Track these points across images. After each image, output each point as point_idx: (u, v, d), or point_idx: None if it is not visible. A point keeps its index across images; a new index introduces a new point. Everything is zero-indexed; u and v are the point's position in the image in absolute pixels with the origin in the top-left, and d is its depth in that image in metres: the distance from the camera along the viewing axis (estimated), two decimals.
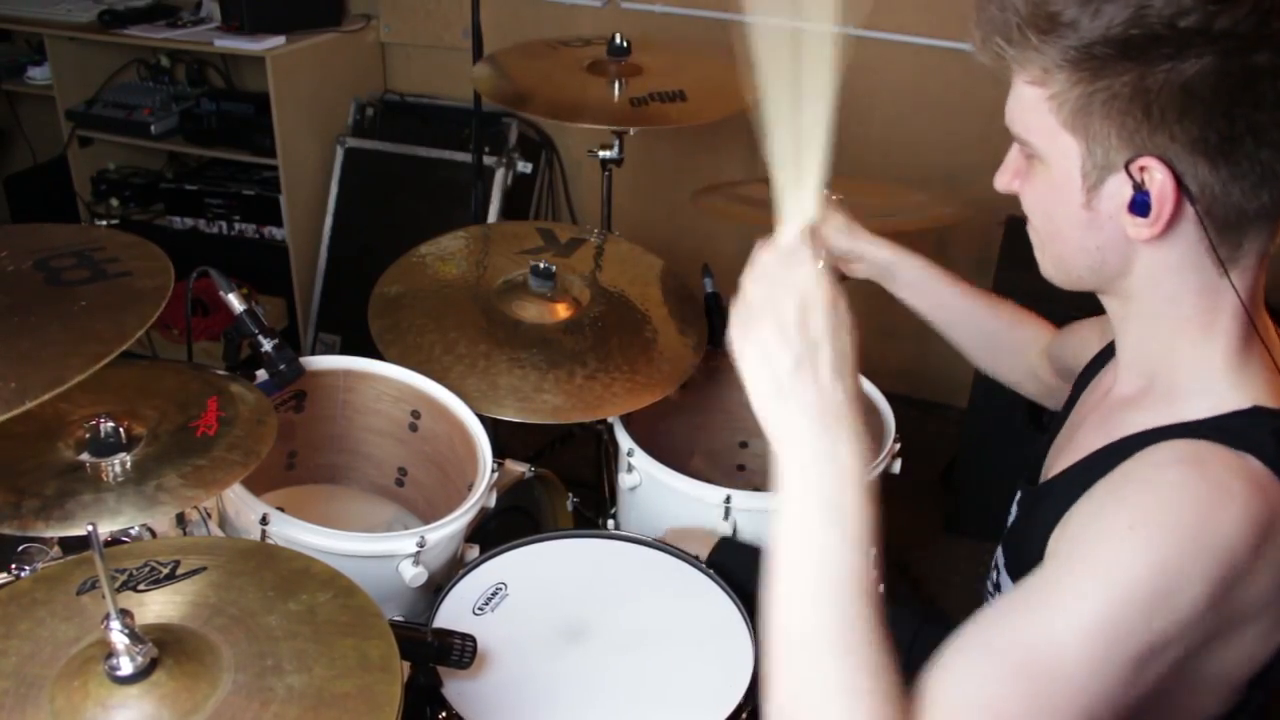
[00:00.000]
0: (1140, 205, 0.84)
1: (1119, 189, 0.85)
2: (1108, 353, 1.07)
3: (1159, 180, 0.82)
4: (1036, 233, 0.96)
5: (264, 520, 1.31)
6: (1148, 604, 0.78)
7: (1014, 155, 0.95)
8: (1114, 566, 0.79)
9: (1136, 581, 0.78)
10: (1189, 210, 0.83)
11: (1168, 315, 0.90)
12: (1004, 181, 0.96)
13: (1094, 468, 0.91)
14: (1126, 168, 0.83)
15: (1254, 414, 0.86)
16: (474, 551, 1.44)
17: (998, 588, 1.08)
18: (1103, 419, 0.99)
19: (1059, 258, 0.95)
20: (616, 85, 2.01)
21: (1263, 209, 0.84)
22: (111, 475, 1.18)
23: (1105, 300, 0.97)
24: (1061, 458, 1.03)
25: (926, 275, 1.37)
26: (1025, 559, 1.00)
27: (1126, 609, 0.78)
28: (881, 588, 0.98)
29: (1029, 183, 0.93)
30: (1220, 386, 0.88)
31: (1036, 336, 1.35)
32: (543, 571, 1.39)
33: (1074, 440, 1.03)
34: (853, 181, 1.91)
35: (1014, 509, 1.12)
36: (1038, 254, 0.98)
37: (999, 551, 1.10)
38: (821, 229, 1.15)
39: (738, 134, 2.85)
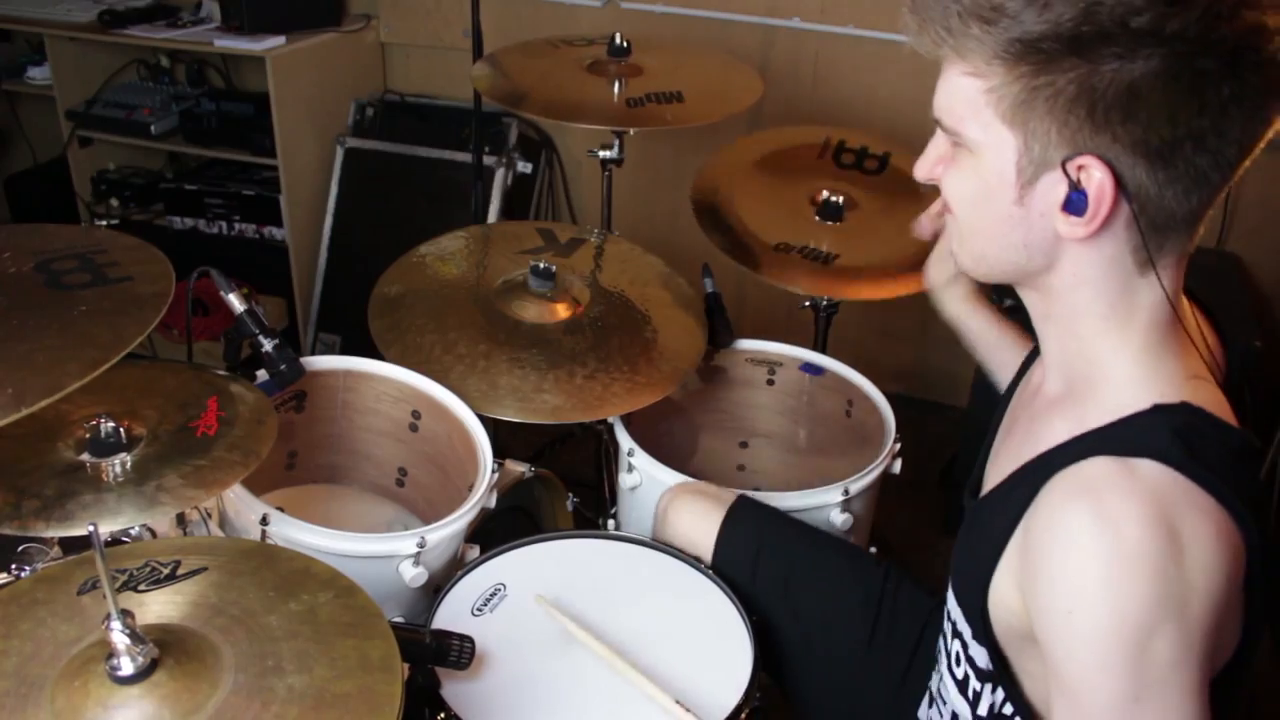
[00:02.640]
0: (1075, 204, 0.83)
1: (1053, 186, 0.85)
2: (1037, 350, 1.05)
3: (1097, 179, 0.82)
4: (958, 225, 0.95)
5: (264, 520, 1.31)
6: (1135, 660, 0.79)
7: (938, 143, 0.94)
8: (1085, 660, 0.81)
9: (1112, 658, 0.80)
10: (1123, 210, 0.84)
11: (1087, 313, 0.90)
12: (925, 170, 0.95)
13: (1014, 490, 0.92)
14: (1064, 165, 0.83)
15: (1153, 413, 0.86)
16: (474, 552, 1.44)
17: (945, 600, 1.07)
18: (1029, 424, 0.99)
19: (980, 252, 0.94)
20: (616, 85, 2.02)
21: (1190, 213, 0.85)
22: (112, 475, 1.18)
23: (1024, 294, 0.96)
24: (995, 468, 1.03)
25: (1001, 327, 1.36)
26: (962, 575, 1.01)
27: (1127, 681, 0.80)
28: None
29: (955, 173, 0.92)
30: (1125, 386, 0.88)
31: None
32: (542, 572, 1.39)
33: (1006, 447, 1.03)
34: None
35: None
36: (955, 246, 0.96)
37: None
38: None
39: (737, 134, 2.85)
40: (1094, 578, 0.80)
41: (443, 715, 1.16)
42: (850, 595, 1.35)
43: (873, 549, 1.67)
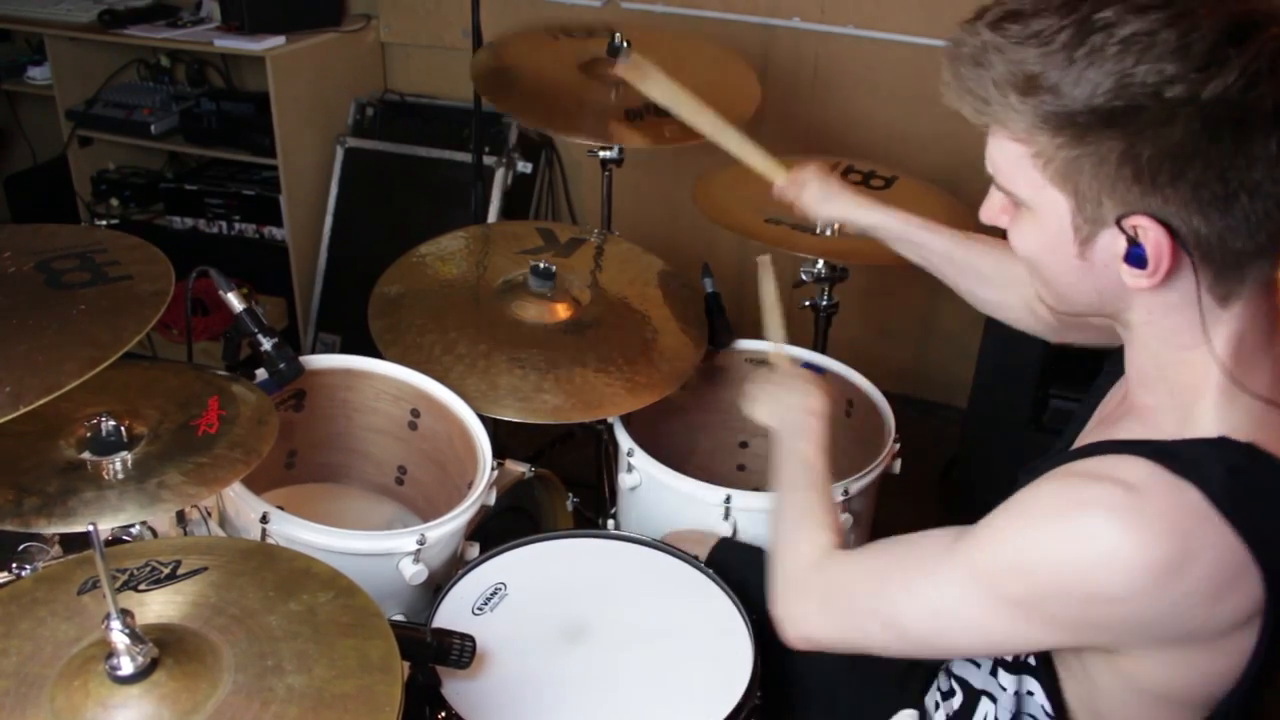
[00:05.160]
0: (1136, 258, 0.83)
1: (1112, 241, 0.84)
2: (1120, 366, 1.06)
3: (1154, 238, 0.81)
4: (1032, 271, 0.95)
5: (264, 519, 1.31)
6: (1006, 580, 0.89)
7: (998, 195, 0.93)
8: (996, 540, 0.91)
9: (1005, 556, 0.90)
10: (1186, 259, 0.83)
11: (1168, 344, 0.90)
12: (990, 215, 0.96)
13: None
14: (1119, 223, 0.82)
15: (1218, 444, 0.86)
16: (474, 549, 1.44)
17: None
18: (1107, 427, 1.00)
19: (1057, 295, 0.94)
20: (613, 92, 2.01)
21: (1260, 248, 0.83)
22: (112, 473, 1.18)
23: (1111, 321, 0.96)
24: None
25: (907, 229, 1.41)
26: None
27: (998, 572, 0.90)
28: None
29: (1018, 227, 0.92)
30: (1203, 411, 0.88)
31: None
32: (542, 571, 1.39)
33: (1080, 442, 1.04)
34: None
35: None
36: (1037, 287, 0.97)
37: None
38: (800, 198, 1.47)
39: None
40: (1094, 535, 0.83)
41: (443, 714, 1.16)
42: None
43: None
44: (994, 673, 1.08)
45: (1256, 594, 0.84)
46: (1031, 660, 1.03)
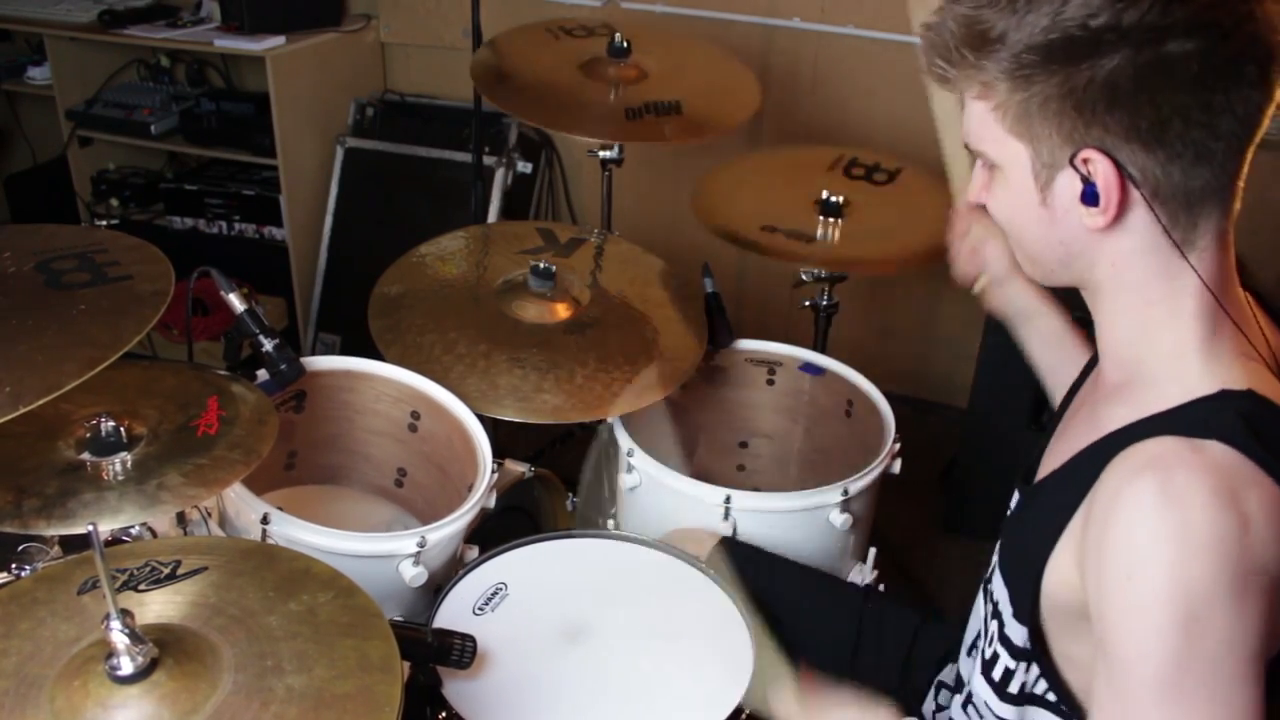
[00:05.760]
0: (1090, 196, 0.88)
1: (1069, 183, 0.89)
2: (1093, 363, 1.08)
3: (1102, 170, 0.87)
4: (1009, 238, 1.01)
5: (265, 520, 1.31)
6: (1190, 634, 0.79)
7: (979, 170, 0.99)
8: (1139, 630, 0.81)
9: (1166, 628, 0.79)
10: (1136, 195, 0.87)
11: (1135, 301, 0.93)
12: (974, 194, 1.01)
13: (1077, 470, 0.93)
14: (1071, 162, 0.88)
15: (1220, 398, 0.88)
16: (473, 552, 1.44)
17: (988, 582, 1.08)
18: (1090, 413, 1.01)
19: (1031, 257, 0.99)
20: (613, 93, 2.01)
21: (1207, 186, 0.88)
22: (112, 474, 1.18)
23: (1083, 294, 0.99)
24: (1053, 456, 1.04)
25: (1061, 331, 1.32)
26: (1015, 555, 1.03)
27: (1179, 654, 0.79)
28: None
29: (993, 193, 0.98)
30: (1189, 372, 0.90)
31: None
32: (543, 571, 1.39)
33: (1065, 436, 1.04)
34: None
35: (1012, 506, 1.13)
36: (1016, 256, 1.02)
37: (997, 548, 1.10)
38: (988, 247, 1.35)
39: (738, 135, 2.85)
40: (1159, 546, 0.81)
41: (444, 714, 1.16)
42: (830, 622, 1.39)
43: (872, 549, 1.67)
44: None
45: None
46: (1043, 693, 1.00)
